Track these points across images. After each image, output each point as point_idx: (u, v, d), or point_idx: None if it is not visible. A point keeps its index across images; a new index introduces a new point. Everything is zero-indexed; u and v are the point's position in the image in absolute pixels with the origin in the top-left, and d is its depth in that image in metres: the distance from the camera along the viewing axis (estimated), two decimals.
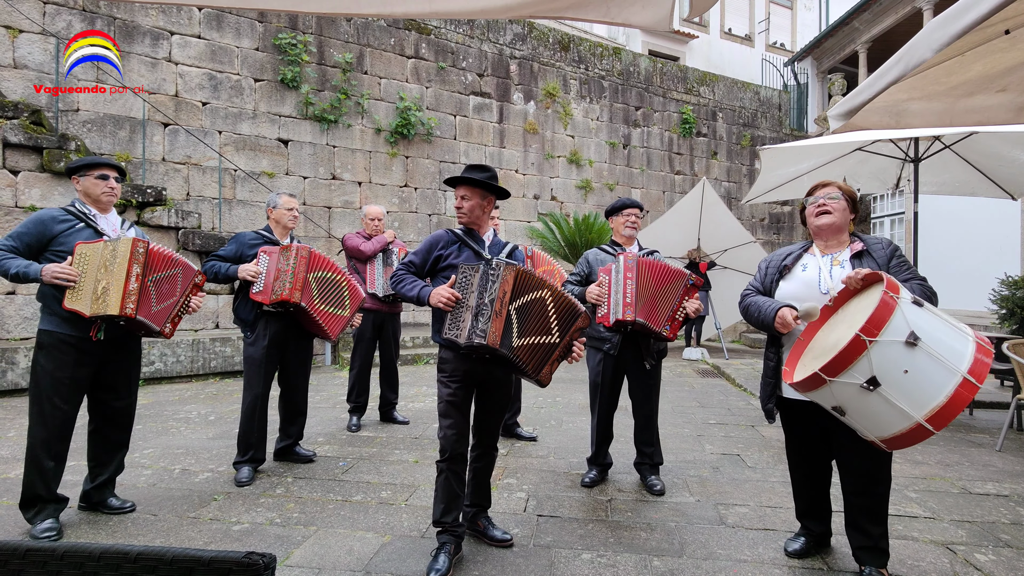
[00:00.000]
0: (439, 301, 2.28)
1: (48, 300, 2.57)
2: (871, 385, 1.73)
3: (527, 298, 2.24)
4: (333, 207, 8.75)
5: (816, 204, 2.32)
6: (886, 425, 1.79)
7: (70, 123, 6.98)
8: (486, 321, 2.15)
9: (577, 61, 11.18)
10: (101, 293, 2.49)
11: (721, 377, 7.28)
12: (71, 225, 2.62)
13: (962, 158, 5.05)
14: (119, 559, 0.75)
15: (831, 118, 2.70)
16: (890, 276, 1.89)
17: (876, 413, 1.79)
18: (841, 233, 2.32)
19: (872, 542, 2.19)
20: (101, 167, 2.71)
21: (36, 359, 2.58)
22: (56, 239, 2.57)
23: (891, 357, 1.72)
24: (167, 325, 2.71)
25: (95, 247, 2.55)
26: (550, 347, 2.26)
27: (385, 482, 3.27)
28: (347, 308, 3.46)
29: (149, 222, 6.66)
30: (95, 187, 2.70)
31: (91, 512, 2.77)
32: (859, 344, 1.73)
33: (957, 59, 2.35)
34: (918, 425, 1.71)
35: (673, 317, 2.98)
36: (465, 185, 2.47)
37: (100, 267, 2.52)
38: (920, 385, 1.72)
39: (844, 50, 13.68)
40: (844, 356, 1.75)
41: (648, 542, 2.56)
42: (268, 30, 8.26)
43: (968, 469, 3.67)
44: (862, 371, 1.74)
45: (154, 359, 6.10)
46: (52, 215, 2.61)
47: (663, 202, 11.72)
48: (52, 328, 2.56)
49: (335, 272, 3.42)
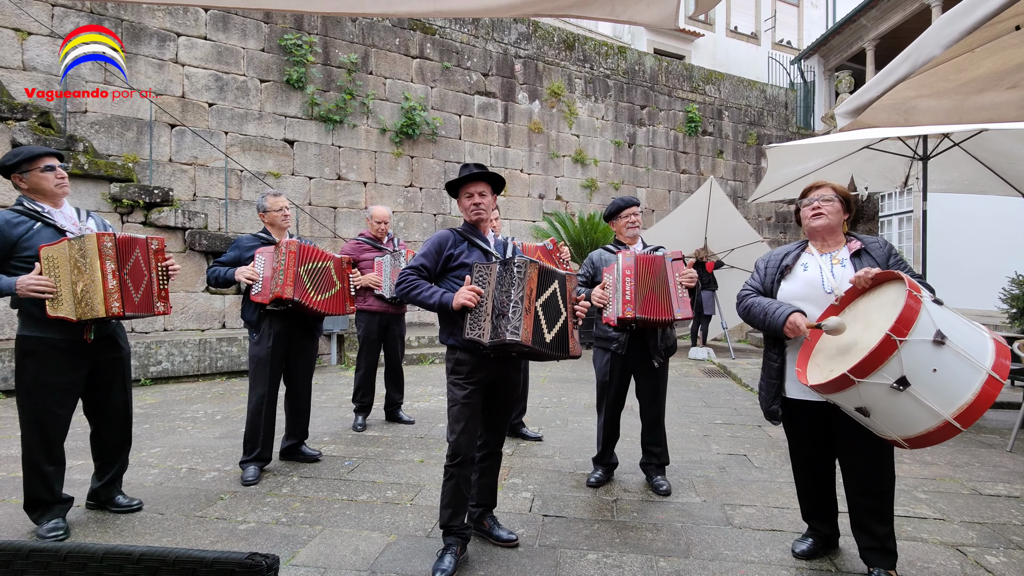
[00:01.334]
0: (465, 302, 2.22)
1: (26, 305, 2.43)
2: (901, 385, 1.73)
3: (547, 293, 2.25)
4: (339, 207, 8.78)
5: (811, 206, 2.32)
6: (913, 424, 1.78)
7: (78, 124, 7.03)
8: (518, 319, 2.13)
9: (582, 60, 11.15)
10: (82, 295, 2.38)
11: (727, 377, 7.24)
12: (28, 227, 2.44)
13: (972, 156, 4.99)
14: (122, 560, 0.75)
15: (838, 116, 2.68)
16: (907, 276, 1.88)
17: (904, 413, 1.78)
18: (836, 233, 2.33)
19: (879, 543, 2.17)
20: (43, 157, 2.48)
21: (23, 366, 2.46)
22: (18, 245, 2.40)
23: (920, 356, 1.72)
24: (158, 305, 2.63)
25: (60, 248, 2.40)
26: (564, 324, 2.32)
27: (390, 482, 3.27)
28: (337, 284, 3.46)
29: (156, 223, 6.71)
30: (44, 181, 2.48)
31: (98, 511, 2.78)
32: (890, 344, 1.71)
33: (967, 55, 2.32)
34: (946, 423, 1.71)
35: (676, 297, 2.97)
36: (483, 182, 2.45)
37: (72, 269, 2.39)
38: (948, 383, 1.72)
39: (851, 47, 13.58)
40: (875, 356, 1.73)
41: (654, 543, 2.55)
42: (274, 31, 8.29)
43: (978, 470, 3.63)
44: (892, 371, 1.73)
45: (161, 359, 6.14)
46: (4, 219, 2.40)
47: (668, 201, 11.68)
48: (39, 334, 2.45)
49: (322, 260, 3.41)
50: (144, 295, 2.59)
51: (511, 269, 2.20)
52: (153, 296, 2.63)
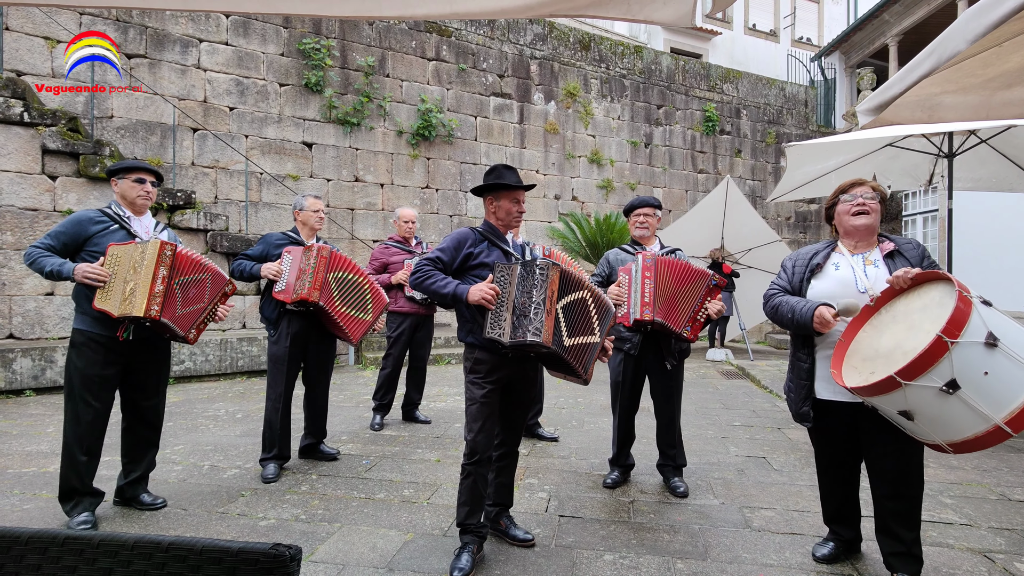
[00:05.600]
0: (482, 298, 2.23)
1: (81, 299, 2.64)
2: (951, 388, 1.68)
3: (571, 297, 2.26)
4: (356, 209, 8.87)
5: (855, 203, 2.24)
6: (960, 429, 1.73)
7: (104, 129, 7.21)
8: (539, 320, 2.14)
9: (598, 60, 11.12)
10: (128, 294, 2.54)
11: (746, 378, 7.15)
12: (106, 226, 2.69)
13: (999, 152, 4.87)
14: (152, 548, 0.78)
15: (860, 113, 2.64)
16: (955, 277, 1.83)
17: (952, 417, 1.73)
18: (873, 233, 2.27)
19: (905, 548, 2.13)
20: (138, 171, 2.79)
21: (69, 357, 2.66)
22: (91, 239, 2.64)
23: (972, 359, 1.68)
24: (192, 331, 2.75)
25: (126, 248, 2.61)
26: (593, 346, 2.32)
27: (407, 480, 3.30)
28: (369, 312, 3.45)
29: (179, 225, 6.85)
30: (131, 190, 2.77)
31: (125, 507, 2.86)
32: (941, 346, 1.67)
33: (994, 50, 2.27)
34: (996, 428, 1.66)
35: (694, 318, 2.94)
36: (524, 190, 2.49)
37: (129, 268, 2.57)
38: (1000, 387, 1.67)
39: (874, 44, 13.33)
40: (924, 358, 1.69)
41: (671, 544, 2.53)
42: (293, 35, 8.42)
43: (1007, 475, 3.54)
44: (942, 374, 1.69)
45: (184, 358, 6.27)
46: (89, 216, 2.69)
47: (686, 201, 11.58)
48: (84, 327, 2.64)
49: (356, 274, 3.41)
50: (187, 316, 2.72)
51: (533, 270, 2.20)
52: (194, 321, 2.75)
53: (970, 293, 1.76)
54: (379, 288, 3.54)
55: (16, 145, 6.16)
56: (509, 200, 2.47)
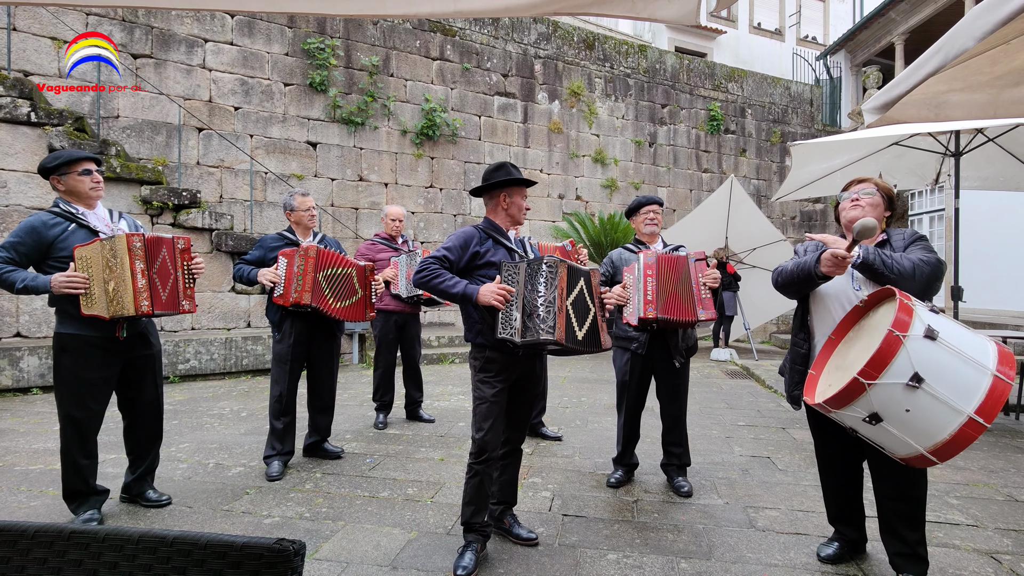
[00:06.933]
0: (493, 298, 2.21)
1: (63, 304, 2.51)
2: (916, 381, 1.68)
3: (576, 291, 2.29)
4: (360, 208, 8.89)
5: (850, 199, 2.28)
6: (936, 429, 1.70)
7: (110, 129, 7.25)
8: (552, 318, 2.15)
9: (602, 59, 11.10)
10: (113, 294, 2.45)
11: (750, 378, 7.13)
12: (64, 228, 2.52)
13: (1007, 151, 4.83)
14: (156, 543, 0.78)
15: (866, 112, 2.63)
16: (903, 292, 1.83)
17: (923, 416, 1.71)
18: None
19: (909, 549, 2.12)
20: (81, 161, 2.55)
21: (60, 362, 2.55)
22: (53, 245, 2.48)
23: (924, 352, 1.71)
24: (184, 303, 2.67)
25: (92, 248, 2.47)
26: (594, 319, 2.38)
27: (411, 479, 3.30)
28: (359, 291, 3.47)
29: (184, 224, 6.88)
30: (80, 184, 2.56)
31: (131, 504, 2.87)
32: (895, 342, 1.70)
33: (1002, 48, 2.25)
34: (970, 420, 1.65)
35: (699, 298, 2.94)
36: (527, 187, 2.52)
37: (104, 268, 2.45)
38: (961, 379, 1.69)
39: (880, 42, 13.26)
40: (881, 354, 1.70)
41: (675, 544, 2.53)
42: (297, 35, 8.44)
43: (1014, 476, 3.51)
44: (902, 369, 1.69)
45: (189, 357, 6.30)
46: (41, 220, 2.50)
47: (690, 200, 11.55)
48: (74, 331, 2.52)
49: (343, 266, 3.41)
50: (171, 294, 2.64)
51: (542, 269, 2.21)
52: (179, 294, 2.68)
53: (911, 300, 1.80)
54: (361, 265, 3.53)
55: (23, 145, 6.20)
56: (520, 196, 2.51)
